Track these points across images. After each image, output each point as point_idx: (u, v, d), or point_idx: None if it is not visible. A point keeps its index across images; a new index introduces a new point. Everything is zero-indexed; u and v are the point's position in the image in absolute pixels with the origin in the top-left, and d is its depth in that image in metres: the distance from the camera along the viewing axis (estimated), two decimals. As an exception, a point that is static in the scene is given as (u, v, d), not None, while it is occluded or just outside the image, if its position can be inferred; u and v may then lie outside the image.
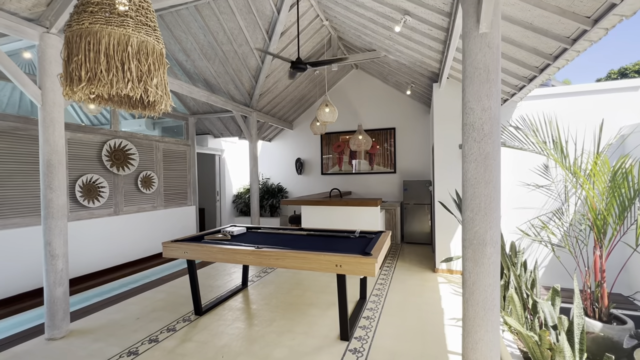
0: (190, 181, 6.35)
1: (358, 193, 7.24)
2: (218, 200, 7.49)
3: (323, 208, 4.57)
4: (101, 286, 4.05)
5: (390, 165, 6.97)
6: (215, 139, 7.23)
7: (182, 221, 6.10)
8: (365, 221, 4.39)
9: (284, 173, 7.98)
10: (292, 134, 7.88)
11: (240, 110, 5.59)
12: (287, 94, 6.39)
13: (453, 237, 4.29)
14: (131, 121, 6.78)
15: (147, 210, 5.38)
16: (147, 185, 5.32)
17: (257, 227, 3.83)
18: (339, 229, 3.50)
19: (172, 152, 5.93)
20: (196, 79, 5.52)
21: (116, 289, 3.88)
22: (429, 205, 6.13)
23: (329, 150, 7.48)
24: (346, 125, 7.31)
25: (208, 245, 2.91)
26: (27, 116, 3.82)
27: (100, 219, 4.58)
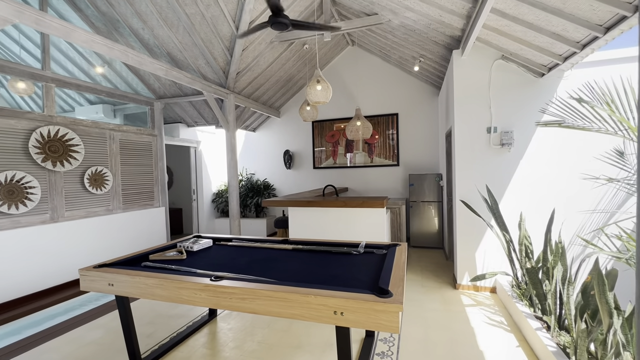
0: (157, 178, 5.35)
1: (356, 190, 6.33)
2: (194, 200, 6.50)
3: (315, 210, 3.65)
4: (20, 319, 3.05)
5: (393, 157, 6.06)
6: (189, 128, 6.20)
7: (148, 226, 5.11)
8: (368, 226, 3.48)
9: (271, 167, 7.01)
10: (280, 123, 6.90)
11: (213, 91, 4.59)
12: (271, 73, 5.40)
13: (479, 245, 3.41)
14: (87, 107, 5.73)
15: (100, 215, 4.38)
16: (97, 183, 4.30)
17: (227, 238, 2.88)
18: (336, 242, 2.57)
19: (133, 144, 4.91)
20: (159, 54, 4.49)
21: (37, 324, 2.89)
22: (439, 203, 5.25)
23: (322, 140, 6.53)
24: (341, 111, 6.36)
25: (145, 273, 1.96)
26: None
27: (29, 228, 3.57)
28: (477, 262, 3.41)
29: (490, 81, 3.30)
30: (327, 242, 2.59)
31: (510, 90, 3.27)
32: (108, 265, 2.16)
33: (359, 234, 3.46)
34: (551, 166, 3.18)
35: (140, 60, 3.32)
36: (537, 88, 3.19)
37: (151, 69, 3.49)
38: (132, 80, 5.13)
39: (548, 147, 3.19)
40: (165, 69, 3.68)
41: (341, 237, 3.50)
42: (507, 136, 3.22)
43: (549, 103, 3.06)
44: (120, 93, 4.77)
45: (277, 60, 5.17)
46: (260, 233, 6.49)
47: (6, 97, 5.10)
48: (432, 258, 4.77)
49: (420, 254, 5.00)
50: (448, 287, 3.54)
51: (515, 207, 3.26)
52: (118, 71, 5.00)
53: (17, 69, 3.53)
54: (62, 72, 4.53)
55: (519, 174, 3.27)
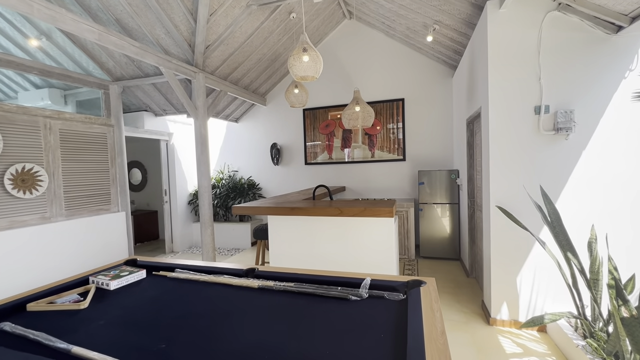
0: (115, 177, 4.41)
1: (355, 189, 5.43)
2: (166, 202, 5.58)
3: (301, 220, 2.75)
4: None
5: (398, 150, 5.15)
6: (157, 118, 5.26)
7: (103, 236, 4.19)
8: (372, 242, 2.59)
9: (256, 163, 6.09)
10: (266, 112, 5.97)
11: (174, 68, 3.65)
12: (251, 49, 4.45)
13: (523, 267, 2.52)
14: (32, 92, 4.78)
15: (32, 225, 3.45)
16: (26, 185, 3.37)
17: (169, 266, 1.98)
18: (326, 275, 1.68)
19: (80, 135, 3.97)
20: (106, 21, 3.54)
21: None
22: (455, 205, 4.36)
23: (315, 132, 5.61)
24: (336, 97, 5.44)
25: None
26: None
27: None
28: (519, 290, 2.53)
29: (541, 42, 2.39)
30: (311, 275, 1.69)
31: (570, 53, 2.36)
32: None
33: (359, 251, 2.56)
34: (629, 159, 2.29)
35: (54, 15, 2.37)
36: (610, 49, 2.28)
37: (74, 29, 2.55)
38: (80, 57, 4.18)
39: (624, 132, 2.29)
40: (98, 32, 2.73)
41: (336, 255, 2.61)
42: (565, 118, 2.32)
43: (633, 69, 2.15)
44: (59, 72, 3.82)
45: (257, 33, 4.22)
46: (243, 240, 5.59)
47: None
48: (448, 273, 3.89)
49: (433, 268, 4.12)
50: (478, 321, 2.66)
51: (577, 218, 2.37)
52: (61, 46, 4.05)
53: None
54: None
55: (581, 170, 2.38)
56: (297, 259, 2.73)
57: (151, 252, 5.63)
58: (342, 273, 1.71)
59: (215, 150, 6.35)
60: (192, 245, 5.91)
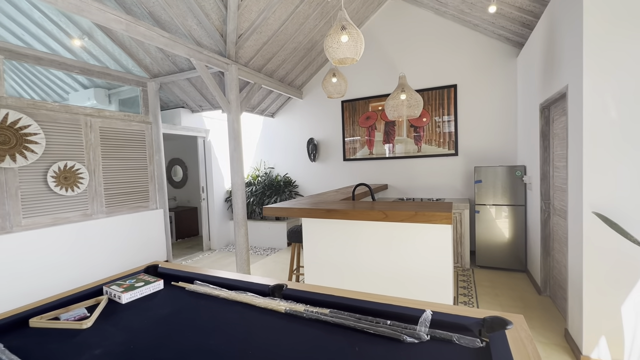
0: (153, 174, 4.42)
1: (398, 187, 4.94)
2: (204, 199, 5.55)
3: (339, 223, 2.40)
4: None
5: (449, 143, 4.56)
6: (194, 114, 5.22)
7: (142, 233, 4.21)
8: (425, 252, 2.15)
9: (293, 160, 5.84)
10: (302, 106, 5.68)
11: (206, 59, 3.47)
12: (285, 37, 4.16)
13: (632, 292, 1.92)
14: (80, 93, 4.96)
15: (74, 222, 3.51)
16: (68, 183, 3.43)
17: (189, 277, 1.74)
18: (370, 303, 1.30)
19: (120, 133, 3.99)
20: (140, 15, 3.47)
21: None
22: (521, 207, 3.71)
23: (354, 125, 5.20)
24: (378, 87, 4.97)
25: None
26: None
27: (-33, 242, 2.75)
28: (624, 324, 1.93)
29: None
30: (350, 300, 1.33)
31: None
32: None
33: (407, 263, 2.14)
34: None
35: (78, 4, 2.25)
36: None
37: (101, 19, 2.43)
38: (119, 55, 4.21)
39: None
40: (126, 22, 2.60)
41: (379, 267, 2.21)
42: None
43: None
44: (99, 70, 3.85)
45: (292, 18, 3.91)
46: (279, 240, 5.38)
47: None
48: (513, 288, 3.29)
49: (493, 280, 3.53)
50: (563, 358, 2.11)
51: None
52: (102, 45, 4.10)
53: (-56, 33, 2.67)
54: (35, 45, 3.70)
55: None
56: (333, 268, 2.38)
57: (189, 249, 5.65)
58: (392, 299, 1.32)
59: (252, 146, 6.22)
60: (229, 243, 5.84)
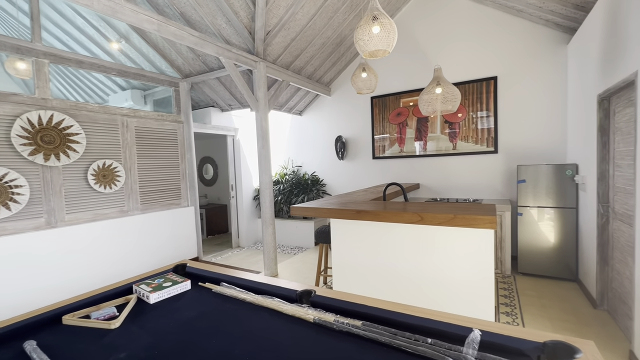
0: (185, 172, 4.53)
1: (431, 187, 4.69)
2: (233, 197, 5.63)
3: (369, 225, 2.28)
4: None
5: (487, 140, 4.26)
6: (223, 113, 5.29)
7: (174, 229, 4.33)
8: (462, 257, 1.97)
9: (321, 158, 5.76)
10: (330, 103, 5.58)
11: (234, 58, 3.47)
12: (314, 32, 4.07)
13: None
14: (119, 94, 5.19)
15: (112, 218, 3.66)
16: (106, 180, 3.58)
17: (216, 278, 1.70)
18: (407, 317, 1.18)
19: (153, 132, 4.12)
20: (172, 16, 3.54)
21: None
22: (571, 210, 3.36)
23: (384, 122, 5.02)
24: (410, 81, 4.75)
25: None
26: None
27: (17, 236, 2.94)
28: None
29: None
30: (386, 312, 1.21)
31: None
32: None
33: (444, 270, 1.98)
34: None
35: (113, 5, 2.30)
36: None
37: (134, 20, 2.47)
38: (154, 57, 4.33)
39: None
40: (157, 22, 2.64)
41: (412, 272, 2.06)
42: None
43: None
44: (135, 72, 3.98)
45: (320, 12, 3.81)
46: (307, 239, 5.33)
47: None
48: (562, 300, 2.98)
49: (539, 290, 3.23)
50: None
51: None
52: (138, 47, 4.24)
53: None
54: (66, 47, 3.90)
55: None
56: (362, 272, 2.26)
57: (219, 246, 5.76)
58: (432, 313, 1.18)
59: (280, 145, 6.22)
60: (257, 241, 5.89)
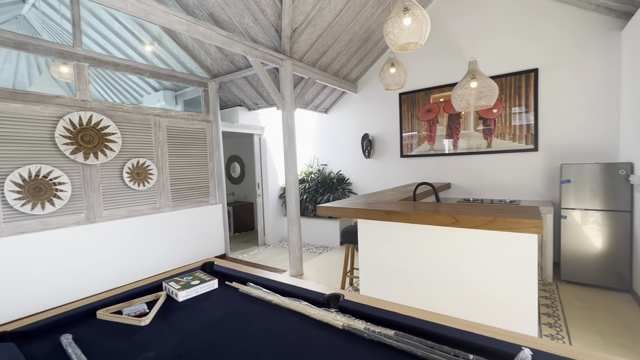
0: (213, 171, 4.63)
1: (463, 186, 4.47)
2: (259, 195, 5.69)
3: (399, 227, 2.18)
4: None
5: (527, 137, 3.98)
6: (250, 112, 5.34)
7: (203, 226, 4.44)
8: (501, 264, 1.82)
9: (347, 156, 5.68)
10: (357, 100, 5.47)
11: (261, 56, 3.47)
12: (340, 28, 4.00)
13: None
14: (152, 95, 5.40)
15: (145, 214, 3.81)
16: (140, 178, 3.72)
17: (243, 278, 1.69)
18: (445, 328, 1.08)
19: (183, 131, 4.23)
20: (201, 17, 3.60)
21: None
22: (625, 214, 3.05)
23: (413, 119, 4.85)
24: (440, 76, 4.54)
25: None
26: None
27: (60, 230, 3.12)
28: None
29: None
30: (421, 322, 1.13)
31: None
32: (13, 333, 1.19)
33: (481, 277, 1.84)
34: None
35: (145, 8, 2.36)
36: None
37: (165, 22, 2.53)
38: (184, 58, 4.45)
39: None
40: (187, 23, 2.68)
41: (446, 278, 1.95)
42: None
43: None
44: (167, 73, 4.11)
45: (347, 7, 3.73)
46: (332, 238, 5.28)
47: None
48: (615, 311, 2.71)
49: (585, 300, 2.97)
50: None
51: None
52: (169, 49, 4.38)
53: (42, 46, 3.04)
54: (98, 51, 4.09)
55: None
56: (391, 276, 2.17)
57: (246, 243, 5.85)
58: (473, 326, 1.08)
59: (306, 143, 6.20)
60: (283, 239, 5.92)
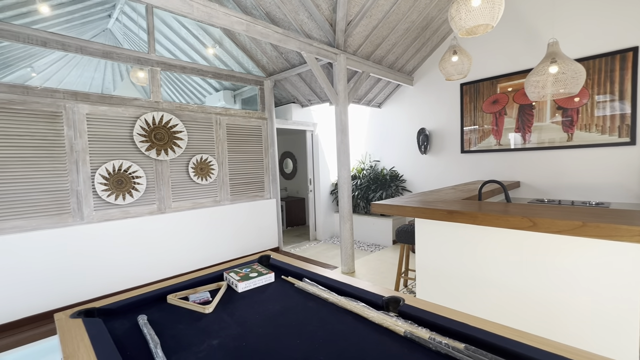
0: (268, 167, 4.79)
1: (535, 185, 4.00)
2: (311, 191, 5.75)
3: (464, 229, 1.99)
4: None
5: (620, 129, 3.39)
6: (303, 109, 5.40)
7: (258, 219, 4.63)
8: (592, 280, 1.55)
9: (401, 152, 5.45)
10: (412, 93, 5.20)
11: (315, 51, 3.46)
12: (397, 18, 3.81)
13: None
14: (214, 95, 5.77)
15: (207, 207, 4.09)
16: (203, 173, 3.99)
17: (299, 273, 1.69)
18: (524, 346, 0.94)
19: (241, 129, 4.44)
20: (258, 17, 3.71)
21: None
22: None
23: (476, 112, 4.46)
24: (510, 62, 4.09)
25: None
26: (26, 85, 2.88)
27: (137, 219, 3.49)
28: None
29: None
30: (496, 337, 1.00)
31: None
32: (100, 310, 1.35)
33: (565, 292, 1.60)
34: None
35: (209, 11, 2.49)
36: None
37: (226, 23, 2.64)
38: (242, 58, 4.65)
39: None
40: (246, 23, 2.77)
41: (520, 290, 1.73)
42: None
43: None
44: (227, 73, 4.33)
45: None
46: (384, 237, 5.13)
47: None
48: None
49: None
50: None
51: None
52: (229, 50, 4.61)
53: (124, 54, 3.40)
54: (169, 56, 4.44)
55: None
56: (453, 281, 2.01)
57: (297, 238, 5.98)
58: (563, 349, 0.93)
59: (358, 139, 6.11)
60: (333, 235, 5.92)
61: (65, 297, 3.01)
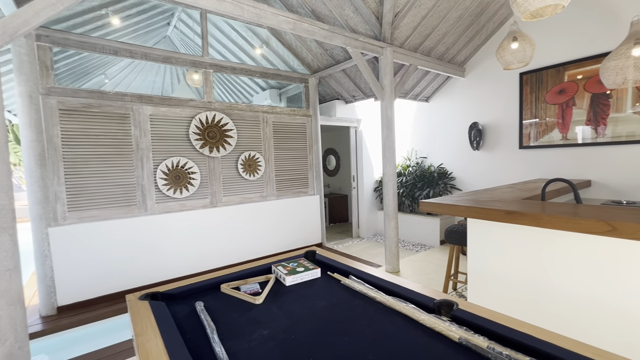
0: (312, 163, 4.84)
1: (609, 185, 3.53)
2: (354, 188, 5.70)
3: (524, 231, 1.82)
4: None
5: None
6: (347, 105, 5.36)
7: (302, 215, 4.71)
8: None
9: (450, 148, 5.16)
10: (463, 85, 4.89)
11: (361, 46, 3.40)
12: (449, 5, 3.59)
13: None
14: (260, 94, 5.97)
15: (254, 201, 4.26)
16: (251, 169, 4.16)
17: (345, 270, 1.69)
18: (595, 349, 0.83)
19: (287, 126, 4.54)
20: (304, 14, 3.75)
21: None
22: None
23: (538, 103, 4.05)
24: (581, 46, 3.64)
25: (163, 338, 1.10)
26: (102, 90, 3.23)
27: (193, 212, 3.75)
28: None
29: None
30: (565, 355, 0.90)
31: None
32: (163, 294, 1.47)
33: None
34: None
35: (258, 12, 2.57)
36: None
37: (274, 23, 2.70)
38: (287, 57, 4.74)
39: None
40: (293, 21, 2.81)
41: (592, 301, 1.54)
42: None
43: None
44: (273, 72, 4.45)
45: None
46: (431, 236, 4.92)
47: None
48: None
49: None
50: None
51: None
52: (275, 50, 4.73)
53: (181, 58, 3.66)
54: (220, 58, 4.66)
55: None
56: (510, 287, 1.85)
57: (340, 234, 5.98)
58: None
59: (403, 135, 5.91)
60: (377, 233, 5.83)
61: (131, 280, 3.35)
